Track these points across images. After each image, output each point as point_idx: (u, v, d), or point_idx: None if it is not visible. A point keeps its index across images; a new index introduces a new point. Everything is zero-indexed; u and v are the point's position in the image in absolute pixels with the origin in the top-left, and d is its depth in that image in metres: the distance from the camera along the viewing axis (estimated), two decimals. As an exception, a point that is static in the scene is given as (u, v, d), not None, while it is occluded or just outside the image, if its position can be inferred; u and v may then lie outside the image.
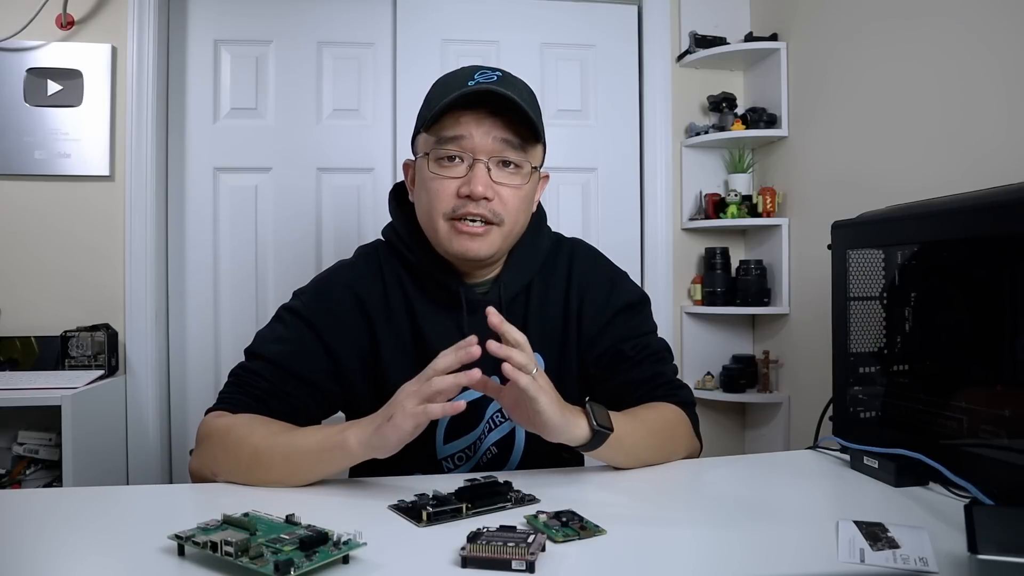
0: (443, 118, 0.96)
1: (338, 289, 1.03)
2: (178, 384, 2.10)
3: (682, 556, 0.69)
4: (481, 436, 1.05)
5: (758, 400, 2.21)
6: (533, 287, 1.06)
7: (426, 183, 0.98)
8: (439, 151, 0.96)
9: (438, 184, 0.96)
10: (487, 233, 0.96)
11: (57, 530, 0.72)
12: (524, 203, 1.00)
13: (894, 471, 0.89)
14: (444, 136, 0.96)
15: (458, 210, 0.95)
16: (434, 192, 0.96)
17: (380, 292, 1.03)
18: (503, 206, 0.96)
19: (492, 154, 0.96)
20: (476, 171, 0.94)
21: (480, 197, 0.94)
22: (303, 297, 1.05)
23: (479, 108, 0.95)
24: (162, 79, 2.05)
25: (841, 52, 1.89)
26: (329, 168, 2.16)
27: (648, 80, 2.28)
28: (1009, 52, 1.37)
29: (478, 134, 0.95)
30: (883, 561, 0.64)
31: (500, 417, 1.05)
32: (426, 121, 0.97)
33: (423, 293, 1.03)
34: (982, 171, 1.42)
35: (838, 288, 1.11)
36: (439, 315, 1.02)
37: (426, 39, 2.19)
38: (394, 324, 1.02)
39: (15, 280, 1.95)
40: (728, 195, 2.23)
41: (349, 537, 0.63)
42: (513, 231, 1.00)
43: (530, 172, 1.00)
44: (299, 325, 1.01)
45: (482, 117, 0.95)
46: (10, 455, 1.83)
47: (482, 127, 0.95)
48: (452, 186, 0.95)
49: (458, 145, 0.95)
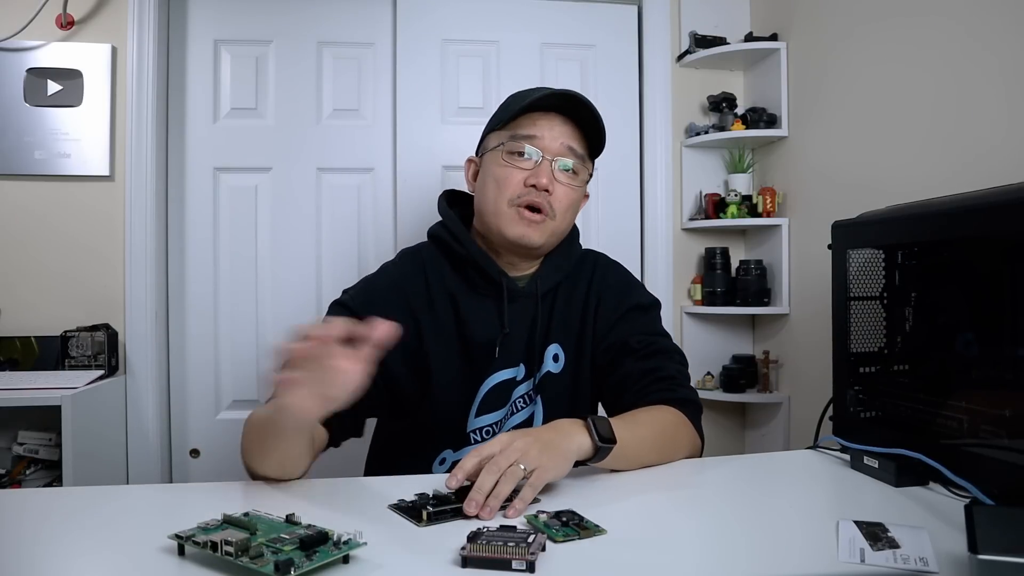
0: (519, 119, 1.10)
1: (383, 285, 1.13)
2: (178, 384, 2.10)
3: (682, 556, 0.69)
4: (506, 417, 1.12)
5: (758, 400, 2.21)
6: (561, 287, 1.17)
7: (495, 171, 1.10)
8: (513, 144, 1.09)
9: (508, 172, 1.08)
10: (542, 223, 1.08)
11: (57, 530, 0.72)
12: (573, 205, 1.13)
13: (894, 471, 0.89)
14: (519, 133, 1.09)
15: (522, 197, 1.07)
16: (503, 179, 1.08)
17: (423, 286, 1.12)
18: (558, 202, 1.09)
19: (558, 156, 1.09)
20: (543, 166, 1.08)
21: (544, 188, 1.06)
22: (350, 291, 1.14)
23: (553, 116, 1.09)
24: (162, 79, 2.05)
25: (841, 52, 1.89)
26: (329, 168, 2.16)
27: (648, 80, 2.28)
28: (1008, 52, 1.37)
29: (549, 136, 1.09)
30: (883, 561, 0.64)
31: (522, 403, 1.13)
32: (502, 120, 1.11)
33: (466, 283, 1.12)
34: (982, 171, 1.42)
35: (838, 288, 1.11)
36: (482, 303, 1.12)
37: (426, 39, 2.19)
38: (437, 314, 1.11)
39: (15, 280, 1.95)
40: (728, 195, 2.23)
41: (349, 537, 0.63)
42: (560, 227, 1.12)
43: (585, 180, 1.14)
44: (346, 314, 1.06)
45: (554, 123, 1.09)
46: (10, 455, 1.83)
47: (553, 131, 1.09)
48: (520, 176, 1.08)
49: (531, 142, 1.08)
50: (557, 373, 1.14)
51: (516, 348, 1.12)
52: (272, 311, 2.12)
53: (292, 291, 2.13)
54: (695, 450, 1.07)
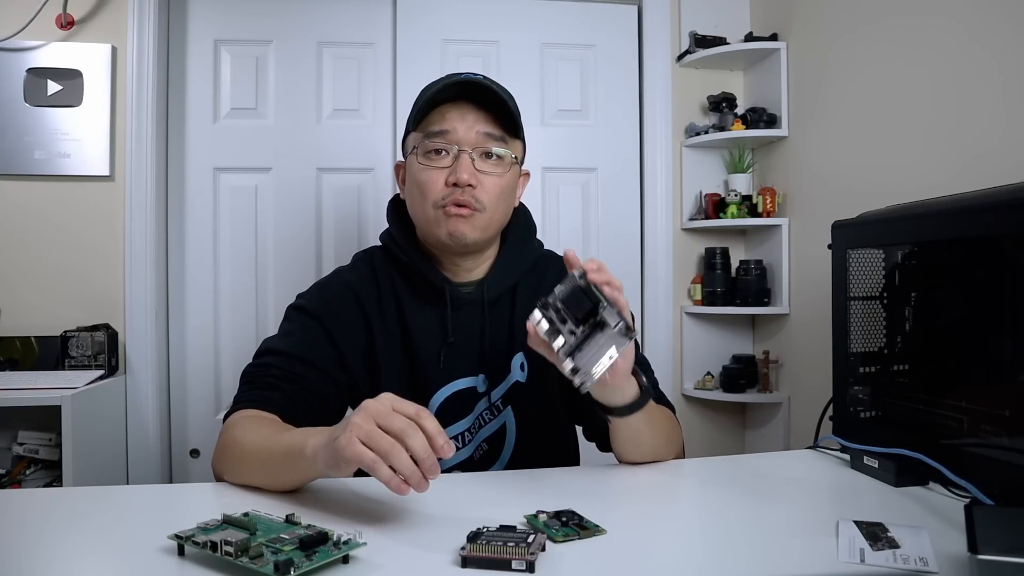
0: (430, 115, 1.04)
1: (338, 288, 1.09)
2: (178, 384, 2.10)
3: (682, 556, 0.69)
4: (475, 426, 1.08)
5: (758, 400, 2.21)
6: (519, 291, 1.11)
7: (416, 176, 1.05)
8: (427, 145, 1.03)
9: (427, 175, 1.03)
10: (471, 216, 1.02)
11: (57, 530, 0.72)
12: (505, 192, 1.06)
13: (894, 471, 0.89)
14: (431, 131, 1.03)
15: (446, 198, 1.02)
16: (423, 183, 1.03)
17: (374, 292, 1.09)
18: (485, 194, 1.03)
19: (475, 146, 1.02)
20: (461, 161, 1.01)
21: (465, 184, 1.00)
22: (306, 295, 1.11)
23: (463, 105, 1.03)
24: (162, 79, 2.05)
25: (841, 52, 1.89)
26: (329, 168, 2.16)
27: (648, 80, 2.28)
28: (1008, 52, 1.37)
29: (462, 128, 1.02)
30: (883, 561, 0.64)
31: (490, 414, 1.09)
32: (414, 120, 1.05)
33: (412, 292, 1.09)
34: (982, 171, 1.42)
35: (838, 288, 1.11)
36: (425, 312, 1.07)
37: (426, 39, 2.19)
38: (386, 321, 1.07)
39: (15, 280, 1.95)
40: (728, 195, 2.23)
41: (349, 537, 0.63)
42: (495, 217, 1.05)
43: (511, 163, 1.06)
44: (304, 318, 1.06)
45: (465, 112, 1.03)
46: (10, 455, 1.83)
47: (466, 122, 1.02)
48: (441, 176, 1.02)
49: (444, 139, 1.02)
50: (524, 383, 1.09)
51: (468, 357, 1.07)
52: (272, 311, 2.11)
53: (292, 291, 2.10)
54: (681, 454, 1.08)
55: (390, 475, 0.68)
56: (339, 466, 0.71)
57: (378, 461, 0.68)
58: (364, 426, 0.69)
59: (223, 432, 0.93)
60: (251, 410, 0.95)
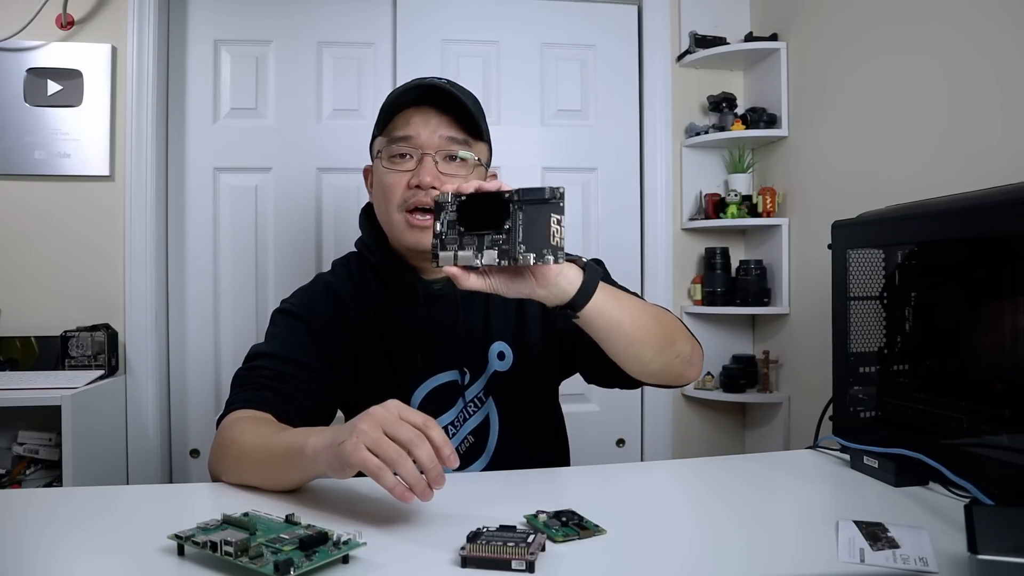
0: (394, 120, 1.06)
1: (320, 291, 1.14)
2: (178, 384, 2.10)
3: (682, 556, 0.69)
4: (460, 419, 1.10)
5: (758, 400, 2.21)
6: None
7: (380, 179, 1.07)
8: (391, 149, 1.06)
9: (391, 178, 1.05)
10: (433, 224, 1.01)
11: (57, 530, 0.72)
12: None
13: (894, 471, 0.89)
14: (395, 136, 1.05)
15: (409, 200, 1.03)
16: (387, 186, 1.05)
17: (352, 293, 1.12)
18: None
19: (439, 149, 1.04)
20: (424, 163, 1.03)
21: (428, 187, 1.01)
22: (290, 300, 1.15)
23: (426, 109, 1.05)
24: (162, 79, 2.05)
25: (841, 52, 1.89)
26: (329, 168, 2.16)
27: (648, 80, 2.28)
28: (1007, 53, 1.37)
29: (425, 132, 1.04)
30: (883, 561, 0.64)
31: (474, 406, 1.11)
32: (379, 124, 1.08)
33: (386, 292, 1.12)
34: (982, 171, 1.42)
35: (838, 288, 1.11)
36: (399, 309, 1.10)
37: (426, 39, 2.19)
38: (365, 321, 1.10)
39: (15, 280, 1.95)
40: (728, 195, 2.23)
41: (349, 537, 0.63)
42: None
43: (474, 166, 1.08)
44: (289, 320, 1.09)
45: (429, 117, 1.05)
46: (10, 455, 1.83)
47: (429, 126, 1.04)
48: (403, 179, 1.04)
49: (408, 143, 1.04)
50: (505, 371, 1.11)
51: (446, 352, 1.09)
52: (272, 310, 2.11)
53: (292, 291, 2.12)
54: (697, 350, 1.01)
55: (395, 482, 0.68)
56: (342, 470, 0.71)
57: (383, 468, 0.68)
58: (371, 433, 0.69)
59: (219, 433, 0.93)
60: (246, 411, 0.95)
